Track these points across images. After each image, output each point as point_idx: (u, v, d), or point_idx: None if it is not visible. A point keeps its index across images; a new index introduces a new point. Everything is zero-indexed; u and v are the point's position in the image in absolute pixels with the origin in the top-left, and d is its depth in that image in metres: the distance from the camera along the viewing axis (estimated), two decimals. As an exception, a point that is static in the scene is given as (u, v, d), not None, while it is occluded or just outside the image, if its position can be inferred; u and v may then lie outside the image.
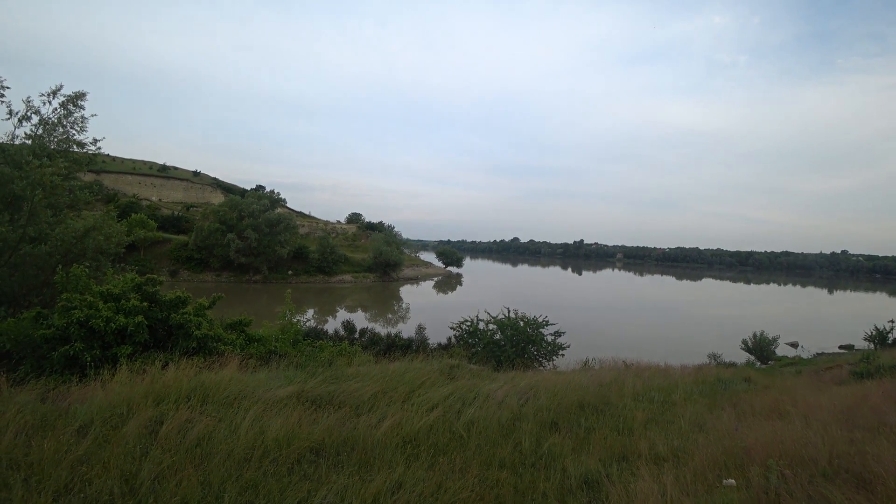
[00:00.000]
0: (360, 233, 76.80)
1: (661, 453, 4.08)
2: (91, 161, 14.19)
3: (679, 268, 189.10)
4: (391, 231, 72.63)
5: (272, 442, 3.42)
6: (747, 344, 22.83)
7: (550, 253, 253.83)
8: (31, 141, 11.77)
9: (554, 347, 14.25)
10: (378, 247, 59.38)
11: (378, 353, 11.42)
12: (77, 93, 12.43)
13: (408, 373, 6.05)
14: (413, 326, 21.49)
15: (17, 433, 3.11)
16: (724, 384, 8.47)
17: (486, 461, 3.67)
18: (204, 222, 51.10)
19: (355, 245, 69.22)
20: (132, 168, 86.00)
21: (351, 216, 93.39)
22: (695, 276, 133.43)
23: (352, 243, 70.28)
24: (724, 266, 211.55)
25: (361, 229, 79.37)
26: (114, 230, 12.59)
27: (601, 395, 6.19)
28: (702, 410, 5.93)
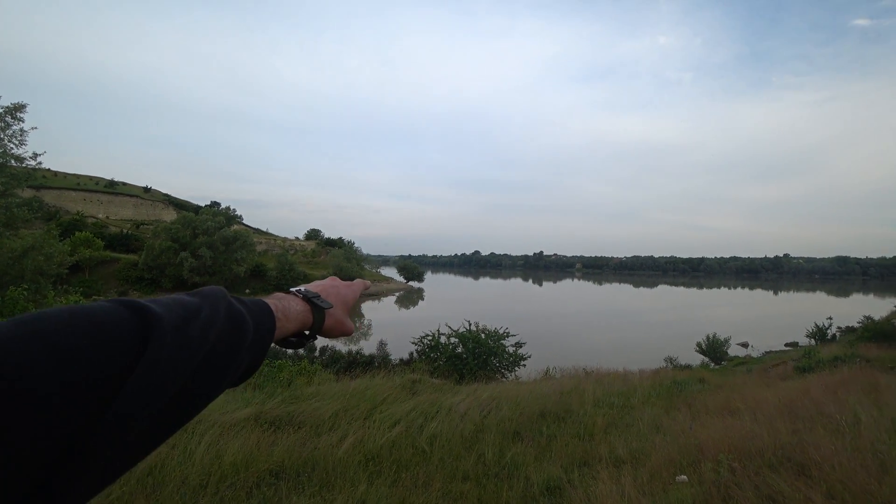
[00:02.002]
0: (319, 249, 75.61)
1: (621, 456, 4.18)
2: (30, 176, 13.43)
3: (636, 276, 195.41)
4: (351, 247, 71.93)
5: (229, 466, 3.31)
6: (701, 346, 23.71)
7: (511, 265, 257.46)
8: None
9: (515, 358, 14.36)
10: (338, 263, 58.64)
11: (339, 370, 11.25)
12: (15, 104, 11.79)
13: (369, 389, 5.99)
14: (375, 343, 21.23)
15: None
16: (680, 386, 8.77)
17: (450, 474, 3.67)
18: (155, 240, 49.09)
19: (315, 262, 68.10)
20: (76, 184, 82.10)
21: (310, 232, 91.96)
22: (651, 283, 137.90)
23: (311, 260, 69.13)
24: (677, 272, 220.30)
25: (321, 245, 78.16)
26: (55, 250, 11.99)
27: (562, 402, 6.29)
28: (659, 412, 6.11)
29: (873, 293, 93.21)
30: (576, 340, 31.72)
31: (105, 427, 0.38)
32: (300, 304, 0.72)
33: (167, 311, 0.46)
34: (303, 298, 0.74)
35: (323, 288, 0.81)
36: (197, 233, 48.92)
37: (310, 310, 0.73)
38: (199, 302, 0.52)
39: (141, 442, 0.43)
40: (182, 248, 47.29)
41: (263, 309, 0.62)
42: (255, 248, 56.32)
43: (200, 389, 0.48)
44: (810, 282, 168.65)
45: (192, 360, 0.46)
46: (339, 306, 0.80)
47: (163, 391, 0.42)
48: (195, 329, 0.48)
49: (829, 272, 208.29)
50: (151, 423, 0.42)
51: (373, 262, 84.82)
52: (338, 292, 0.82)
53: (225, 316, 0.53)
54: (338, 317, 0.79)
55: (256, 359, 0.58)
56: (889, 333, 17.52)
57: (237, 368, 0.54)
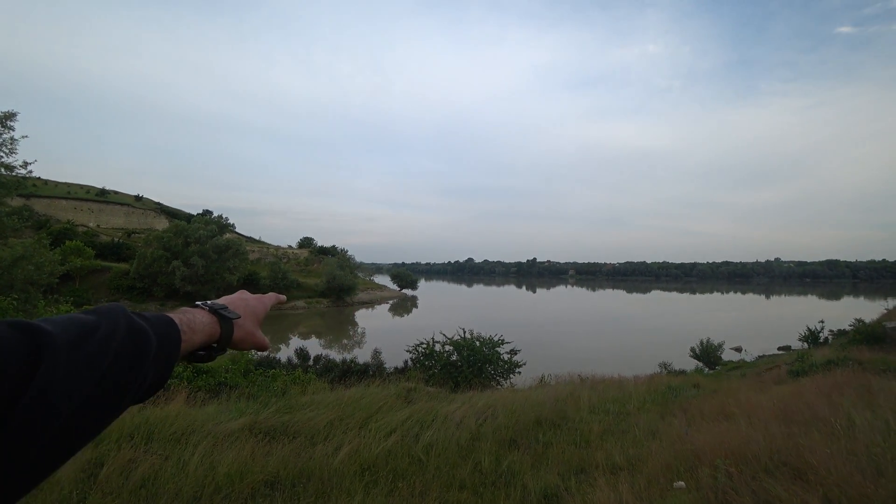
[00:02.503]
0: (312, 257, 75.31)
1: (618, 462, 4.17)
2: (20, 185, 13.32)
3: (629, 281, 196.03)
4: (344, 255, 71.63)
5: (223, 477, 3.28)
6: (695, 351, 23.80)
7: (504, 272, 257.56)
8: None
9: (510, 365, 14.35)
10: (331, 271, 58.28)
11: (333, 379, 11.17)
12: (6, 112, 11.70)
13: (364, 398, 5.95)
14: (369, 351, 21.12)
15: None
16: (675, 391, 8.79)
17: (446, 483, 3.65)
18: (147, 249, 48.70)
19: (308, 270, 67.82)
20: (67, 192, 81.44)
21: (303, 241, 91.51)
22: (644, 288, 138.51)
23: (304, 268, 68.82)
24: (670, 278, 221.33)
25: (314, 254, 77.83)
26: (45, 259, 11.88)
27: (558, 409, 6.28)
28: (655, 418, 6.12)
29: (864, 296, 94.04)
30: (570, 347, 31.74)
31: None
32: (206, 315, 0.72)
33: (61, 329, 0.46)
34: (209, 311, 0.74)
35: (231, 301, 0.81)
36: (189, 241, 48.59)
37: (217, 321, 0.73)
38: (97, 319, 0.51)
39: (38, 466, 0.42)
40: (174, 256, 46.94)
41: (167, 322, 0.62)
42: (247, 257, 56.00)
43: (101, 408, 0.47)
44: (801, 285, 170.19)
45: (90, 379, 0.45)
46: (248, 318, 0.79)
47: (55, 414, 0.41)
48: (92, 346, 0.47)
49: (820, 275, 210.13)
50: (47, 447, 0.41)
51: (366, 269, 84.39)
52: (246, 304, 0.82)
53: (125, 332, 0.52)
54: (247, 328, 0.78)
55: (162, 373, 0.58)
56: (881, 336, 17.65)
57: (141, 384, 0.53)
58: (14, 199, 13.99)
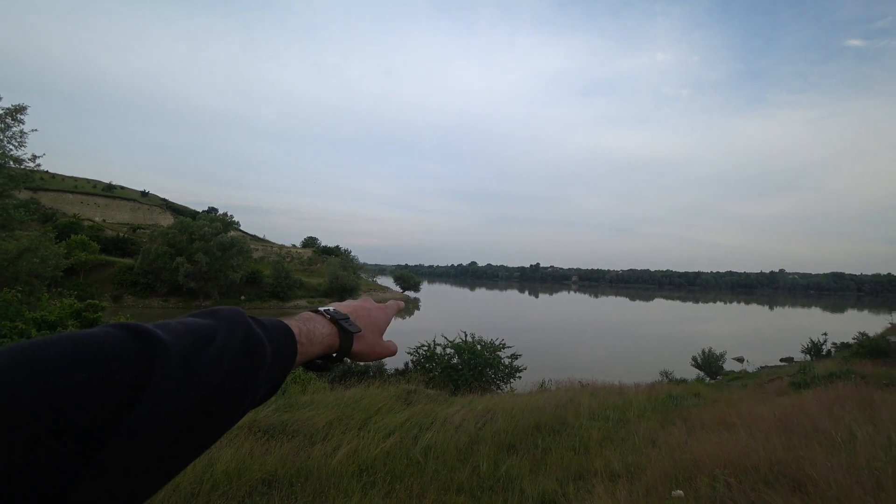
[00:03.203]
0: (316, 257, 75.40)
1: (616, 470, 4.16)
2: (28, 178, 13.41)
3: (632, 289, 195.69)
4: (348, 255, 71.75)
5: (221, 475, 3.28)
6: (697, 360, 23.68)
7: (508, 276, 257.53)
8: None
9: (511, 370, 14.32)
10: (334, 271, 58.38)
11: (333, 379, 11.17)
12: (16, 106, 11.81)
13: (364, 399, 5.96)
14: (370, 351, 21.10)
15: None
16: (676, 400, 8.75)
17: (444, 486, 3.64)
18: (151, 245, 48.90)
19: (311, 270, 67.90)
20: (74, 186, 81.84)
21: (307, 240, 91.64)
22: (647, 296, 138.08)
23: (307, 268, 68.90)
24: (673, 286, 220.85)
25: (317, 253, 77.93)
26: (50, 252, 11.96)
27: (558, 415, 6.27)
28: (655, 426, 6.09)
29: (868, 309, 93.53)
30: (571, 353, 31.65)
31: (102, 465, 0.36)
32: (327, 326, 0.69)
33: (175, 337, 0.44)
34: (330, 320, 0.70)
35: (353, 309, 0.77)
36: (193, 238, 48.76)
37: (337, 332, 0.69)
38: (215, 325, 0.49)
39: (143, 479, 0.40)
40: (178, 253, 47.10)
41: (285, 332, 0.59)
42: (251, 255, 56.15)
43: (211, 421, 0.45)
44: (805, 297, 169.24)
45: (201, 393, 0.43)
46: (370, 329, 0.76)
47: (166, 427, 0.40)
48: (206, 358, 0.45)
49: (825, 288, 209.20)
50: (155, 459, 0.40)
51: (369, 271, 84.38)
52: (369, 314, 0.78)
53: (241, 342, 0.50)
54: (368, 340, 0.75)
55: (275, 385, 0.56)
56: (884, 350, 17.55)
57: (253, 397, 0.51)
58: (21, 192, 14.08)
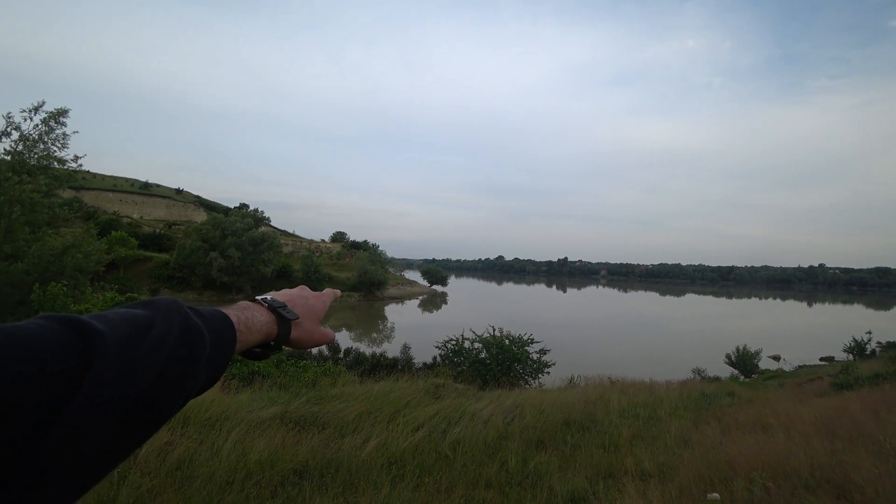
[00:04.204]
0: (344, 252, 76.33)
1: (647, 469, 4.08)
2: (71, 178, 13.99)
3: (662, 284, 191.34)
4: (376, 250, 72.28)
5: (255, 464, 3.36)
6: (731, 358, 23.05)
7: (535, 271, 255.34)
8: (10, 157, 11.57)
9: (539, 365, 14.23)
10: (362, 266, 58.93)
11: (363, 373, 11.31)
12: (59, 109, 12.30)
13: (393, 392, 6.00)
14: (398, 346, 21.30)
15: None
16: (709, 399, 8.54)
17: (472, 481, 3.64)
18: (186, 240, 50.37)
19: (340, 264, 68.76)
20: (113, 185, 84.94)
21: (335, 235, 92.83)
22: (678, 291, 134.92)
23: (336, 262, 69.81)
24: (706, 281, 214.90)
25: (346, 248, 78.86)
26: (93, 248, 12.43)
27: (587, 412, 6.19)
28: (687, 425, 5.96)
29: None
30: (600, 349, 31.24)
31: (40, 459, 0.35)
32: (265, 314, 0.69)
33: (112, 328, 0.43)
34: (268, 308, 0.71)
35: (290, 298, 0.77)
36: (226, 233, 49.98)
37: (275, 320, 0.70)
38: (152, 316, 0.49)
39: (85, 470, 0.40)
40: (212, 248, 48.38)
41: (224, 321, 0.60)
42: (281, 250, 57.24)
43: (152, 410, 0.45)
44: (847, 293, 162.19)
45: (141, 382, 0.43)
46: (307, 317, 0.76)
47: (106, 418, 0.39)
48: (144, 348, 0.45)
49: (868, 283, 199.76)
50: (96, 450, 0.40)
51: (397, 265, 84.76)
52: (306, 302, 0.79)
53: (179, 331, 0.50)
54: (306, 328, 0.75)
55: (215, 373, 0.56)
56: (934, 350, 16.71)
57: (193, 385, 0.51)
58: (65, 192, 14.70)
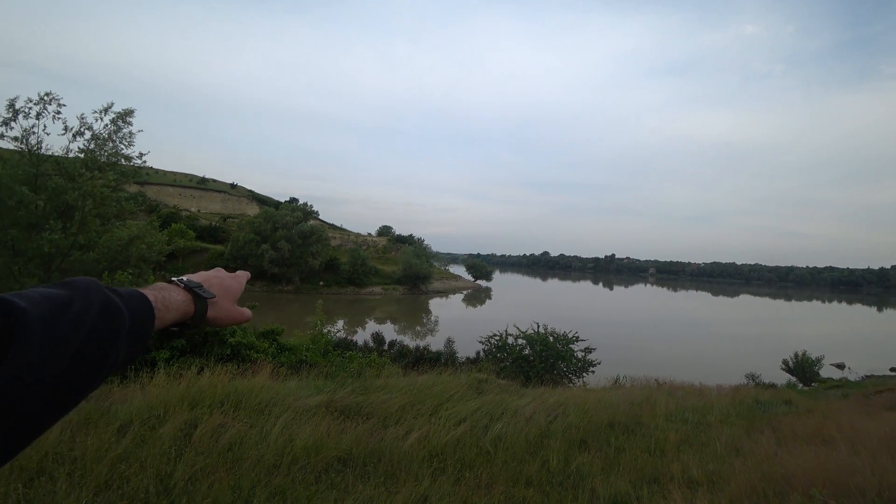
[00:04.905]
0: (390, 245, 77.41)
1: (695, 477, 3.94)
2: (137, 173, 14.89)
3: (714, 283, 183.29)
4: (421, 244, 72.90)
5: (301, 450, 3.47)
6: (788, 364, 21.87)
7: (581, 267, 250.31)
8: (83, 155, 12.42)
9: (584, 364, 13.98)
10: (408, 259, 59.63)
11: (406, 365, 11.45)
12: (126, 110, 13.10)
13: (436, 386, 6.05)
14: (442, 339, 21.46)
15: (63, 429, 3.24)
16: (763, 406, 8.13)
17: (513, 478, 3.63)
18: (239, 233, 52.53)
19: (385, 257, 69.79)
20: (173, 180, 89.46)
21: (381, 229, 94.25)
22: (731, 291, 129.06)
23: (382, 256, 70.90)
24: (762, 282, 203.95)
25: (392, 242, 79.94)
26: (156, 239, 13.16)
27: (632, 413, 6.04)
28: (739, 433, 5.71)
29: None
30: (647, 349, 30.37)
31: None
32: (182, 293, 0.72)
33: (34, 306, 0.45)
34: (184, 288, 0.73)
35: (206, 278, 0.81)
36: (277, 227, 51.72)
37: (192, 299, 0.73)
38: (70, 294, 0.50)
39: (9, 442, 0.42)
40: (263, 240, 50.21)
41: (141, 300, 0.62)
42: (329, 243, 58.66)
43: (72, 386, 0.47)
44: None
45: (62, 358, 0.45)
46: (224, 296, 0.80)
47: (27, 394, 0.41)
48: (65, 325, 0.46)
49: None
50: (17, 424, 0.42)
51: (442, 259, 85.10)
52: (222, 283, 0.82)
53: (99, 308, 0.52)
54: (223, 306, 0.79)
55: (135, 350, 0.58)
56: None
57: (114, 361, 0.53)
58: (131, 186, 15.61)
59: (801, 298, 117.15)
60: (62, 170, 11.60)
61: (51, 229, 10.64)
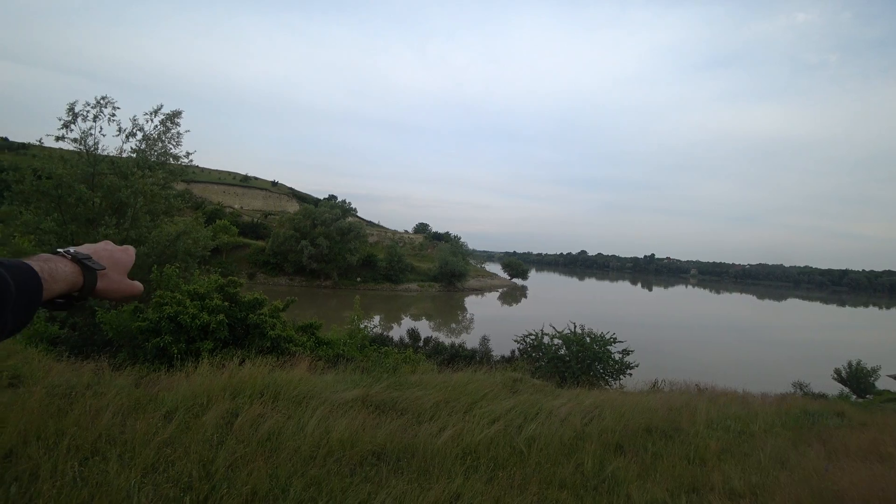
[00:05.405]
0: (426, 243, 77.82)
1: (737, 489, 3.80)
2: (184, 172, 15.57)
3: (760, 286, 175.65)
4: (457, 241, 72.95)
5: (336, 442, 3.53)
6: (840, 374, 20.78)
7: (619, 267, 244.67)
8: (135, 154, 13.04)
9: (621, 366, 13.68)
10: (444, 257, 59.84)
11: (441, 362, 11.52)
12: (174, 111, 13.69)
13: (470, 384, 6.05)
14: (477, 337, 21.44)
15: (115, 413, 3.43)
16: (812, 417, 7.75)
17: (547, 480, 3.59)
18: (280, 229, 53.89)
19: (422, 255, 70.22)
20: (217, 178, 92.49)
21: (418, 226, 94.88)
22: (778, 295, 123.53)
23: (418, 253, 71.35)
24: (812, 285, 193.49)
25: (428, 239, 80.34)
26: (201, 235, 13.66)
27: (671, 419, 5.88)
28: (784, 444, 5.46)
29: None
30: (688, 353, 29.47)
31: None
32: (69, 265, 0.71)
33: None
34: (72, 259, 0.72)
35: (94, 250, 0.79)
36: (316, 223, 52.79)
37: (80, 271, 0.71)
38: None
39: None
40: (303, 236, 51.35)
41: (26, 271, 0.62)
42: (367, 240, 59.50)
43: None
44: None
45: None
46: (114, 269, 0.78)
47: None
48: None
49: None
50: None
51: (478, 257, 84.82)
52: (111, 255, 0.80)
53: None
54: (113, 278, 0.77)
55: (22, 320, 0.59)
56: None
57: (1, 330, 0.54)
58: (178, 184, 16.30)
59: (857, 304, 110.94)
60: (116, 169, 12.21)
61: (106, 225, 11.23)
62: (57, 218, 11.34)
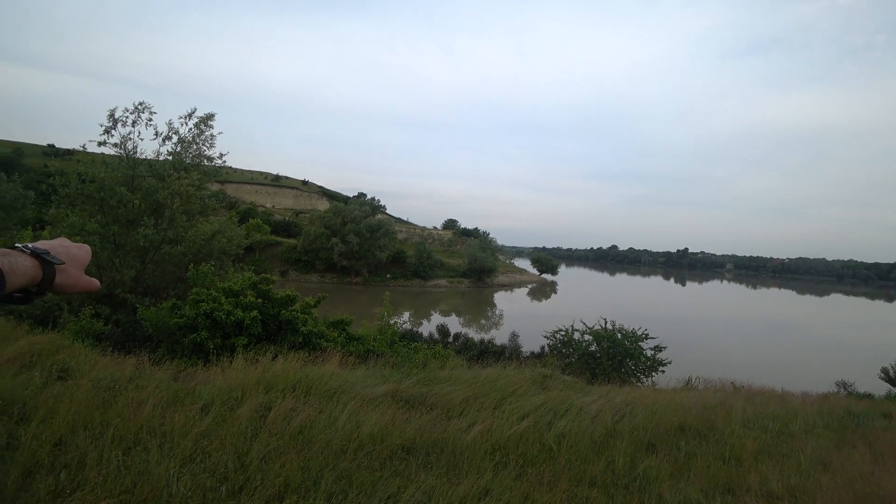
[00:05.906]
0: (455, 239, 77.85)
1: (775, 491, 3.68)
2: (217, 173, 16.01)
3: (801, 281, 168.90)
4: (486, 237, 72.68)
5: (367, 437, 3.59)
6: (888, 373, 19.81)
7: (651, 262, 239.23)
8: (171, 157, 13.47)
9: (653, 363, 13.40)
10: (473, 253, 59.78)
11: (471, 358, 11.52)
12: (207, 114, 14.08)
13: (500, 380, 6.04)
14: (506, 333, 21.36)
15: (155, 405, 3.57)
16: (857, 418, 7.42)
17: (576, 477, 3.56)
18: (311, 227, 54.84)
19: (451, 251, 70.30)
20: (250, 178, 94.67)
21: (447, 222, 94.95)
22: (821, 290, 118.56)
23: (447, 249, 71.46)
24: (858, 280, 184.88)
25: (457, 235, 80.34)
26: (235, 233, 14.04)
27: (705, 417, 5.73)
28: (826, 446, 5.26)
29: None
30: (723, 350, 28.66)
31: None
32: (28, 259, 0.72)
33: None
34: (31, 254, 0.73)
35: (52, 246, 0.81)
36: (346, 221, 53.48)
37: (39, 265, 0.73)
38: None
39: None
40: (333, 234, 52.12)
41: None
42: (396, 236, 59.92)
43: None
44: None
45: None
46: (72, 264, 0.80)
47: None
48: None
49: None
50: None
51: (507, 252, 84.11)
52: (68, 251, 0.82)
53: None
54: (72, 273, 0.79)
55: None
56: None
57: None
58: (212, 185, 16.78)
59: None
60: (154, 171, 12.66)
61: (145, 225, 11.67)
62: (100, 219, 11.85)
